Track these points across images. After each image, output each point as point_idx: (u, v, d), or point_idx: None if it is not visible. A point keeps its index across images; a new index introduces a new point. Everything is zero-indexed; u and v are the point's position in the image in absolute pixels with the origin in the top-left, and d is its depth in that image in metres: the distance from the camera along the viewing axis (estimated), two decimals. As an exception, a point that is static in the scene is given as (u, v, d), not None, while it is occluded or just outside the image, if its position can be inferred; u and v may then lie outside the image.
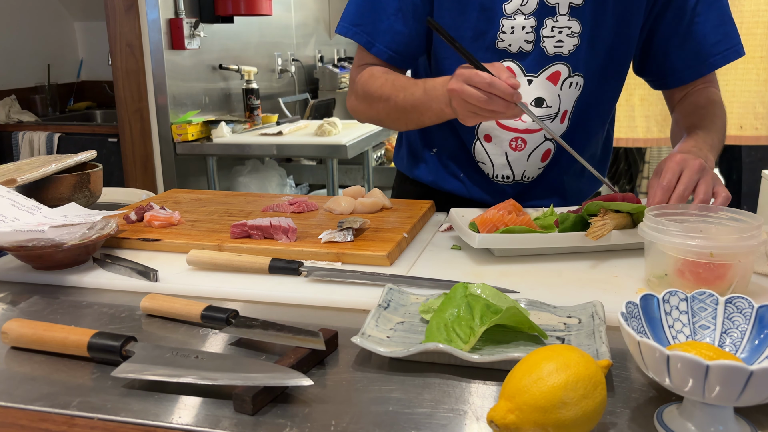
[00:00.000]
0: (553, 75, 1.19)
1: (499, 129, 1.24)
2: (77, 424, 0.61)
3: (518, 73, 1.19)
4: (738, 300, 0.68)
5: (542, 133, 1.23)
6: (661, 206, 0.93)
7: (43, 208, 1.12)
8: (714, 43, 1.22)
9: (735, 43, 1.23)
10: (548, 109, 1.21)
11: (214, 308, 0.80)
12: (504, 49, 1.18)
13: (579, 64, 1.19)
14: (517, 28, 1.16)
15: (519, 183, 1.30)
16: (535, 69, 1.19)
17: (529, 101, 1.20)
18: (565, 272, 0.96)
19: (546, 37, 1.17)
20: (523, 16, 1.15)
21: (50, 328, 0.74)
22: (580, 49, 1.18)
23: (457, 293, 0.76)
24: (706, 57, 1.22)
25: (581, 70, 1.20)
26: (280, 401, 0.63)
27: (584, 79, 1.21)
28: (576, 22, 1.16)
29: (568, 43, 1.17)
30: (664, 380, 0.57)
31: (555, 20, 1.16)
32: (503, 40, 1.17)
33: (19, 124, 3.63)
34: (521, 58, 1.19)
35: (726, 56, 1.23)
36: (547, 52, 1.18)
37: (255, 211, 1.23)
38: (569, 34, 1.16)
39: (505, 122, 1.22)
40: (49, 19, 4.12)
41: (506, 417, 0.54)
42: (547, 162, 1.28)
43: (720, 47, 1.22)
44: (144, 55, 3.17)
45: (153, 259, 1.03)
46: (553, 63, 1.19)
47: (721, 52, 1.22)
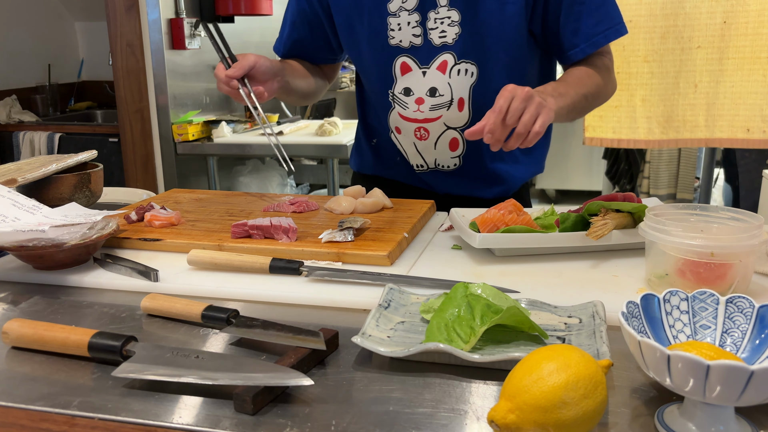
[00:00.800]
0: (442, 64, 1.26)
1: (404, 121, 1.33)
2: (78, 423, 0.61)
3: (413, 67, 1.27)
4: (739, 300, 0.68)
5: (442, 121, 1.30)
6: (662, 206, 0.93)
7: (43, 208, 1.12)
8: (595, 23, 1.24)
9: (616, 22, 1.26)
10: (441, 97, 1.28)
11: (214, 308, 0.80)
12: (397, 46, 1.27)
13: (465, 51, 1.25)
14: (404, 25, 1.25)
15: (437, 171, 1.37)
16: (427, 61, 1.27)
17: (424, 92, 1.28)
18: (566, 272, 0.96)
19: (431, 29, 1.24)
20: (407, 12, 1.24)
21: (51, 328, 0.74)
22: (463, 37, 1.24)
23: (457, 293, 0.76)
24: (590, 37, 1.25)
25: (470, 57, 1.25)
26: (280, 401, 0.63)
27: (477, 66, 1.26)
28: (455, 11, 1.22)
29: (450, 32, 1.23)
30: (665, 380, 0.57)
31: (437, 12, 1.23)
32: (394, 38, 1.27)
33: (20, 124, 3.63)
34: (414, 52, 1.27)
35: (607, 35, 1.25)
36: (434, 44, 1.25)
37: (255, 211, 1.24)
38: (450, 24, 1.23)
39: (405, 114, 1.32)
40: (49, 19, 4.12)
41: (507, 417, 0.54)
42: (460, 151, 1.33)
43: (601, 27, 1.25)
44: (145, 54, 3.17)
45: (153, 259, 1.03)
46: (441, 53, 1.26)
47: (602, 32, 1.25)
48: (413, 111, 1.30)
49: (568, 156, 5.37)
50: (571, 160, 5.45)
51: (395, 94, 1.31)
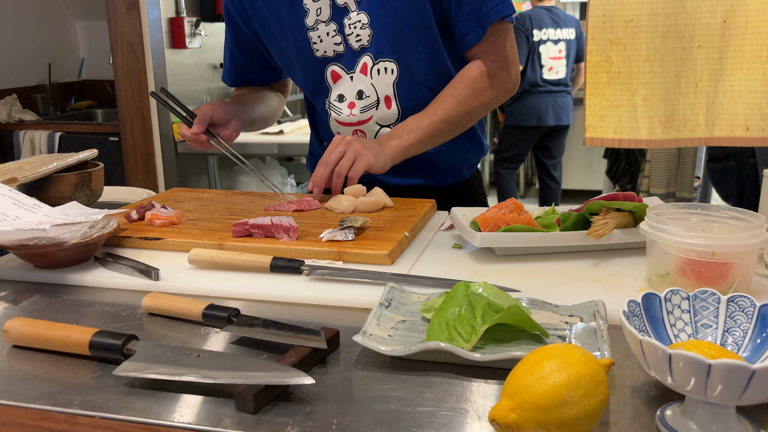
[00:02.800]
0: (363, 67, 1.31)
1: (341, 126, 1.38)
2: (79, 422, 0.61)
3: (342, 74, 1.33)
4: (740, 299, 0.68)
5: (374, 121, 1.35)
6: (663, 205, 0.93)
7: (44, 207, 1.12)
8: (482, 4, 1.26)
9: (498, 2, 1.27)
10: (368, 98, 1.33)
11: (215, 307, 0.80)
12: (323, 57, 1.33)
13: (381, 50, 1.29)
14: (323, 36, 1.30)
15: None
16: (352, 66, 1.32)
17: (353, 96, 1.34)
18: (567, 271, 0.96)
19: (348, 35, 1.29)
20: (324, 23, 1.29)
21: (52, 327, 0.74)
22: (376, 37, 1.27)
23: (458, 292, 0.76)
24: (479, 18, 1.27)
25: (387, 55, 1.29)
26: (281, 400, 0.63)
27: (396, 63, 1.29)
28: (364, 14, 1.26)
29: (364, 35, 1.28)
30: (666, 379, 0.57)
31: (349, 18, 1.27)
32: (318, 50, 1.32)
33: (21, 123, 3.63)
34: (339, 60, 1.33)
35: (499, 10, 1.27)
36: (353, 48, 1.30)
37: (256, 210, 1.23)
38: (362, 27, 1.27)
39: (341, 119, 1.37)
40: (50, 18, 4.12)
41: (508, 416, 0.54)
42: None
43: (486, 7, 1.26)
44: (145, 54, 3.18)
45: (154, 257, 1.03)
46: (361, 56, 1.31)
47: (487, 12, 1.27)
48: (347, 116, 1.35)
49: (569, 155, 5.37)
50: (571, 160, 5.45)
51: (331, 102, 1.37)
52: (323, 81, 1.35)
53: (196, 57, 3.34)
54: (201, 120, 1.28)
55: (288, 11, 1.30)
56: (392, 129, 1.28)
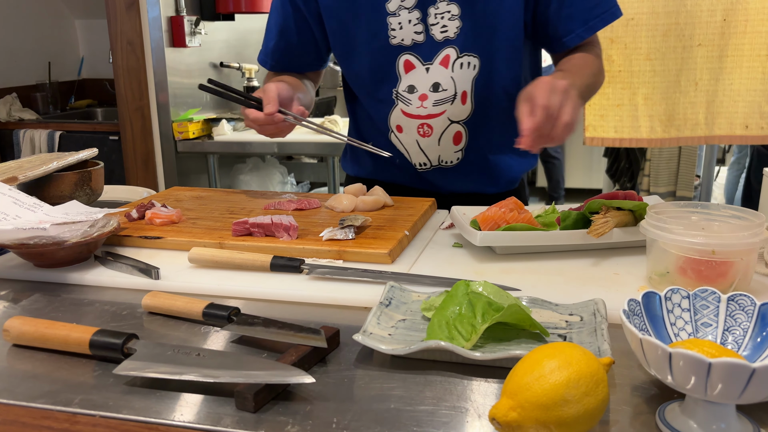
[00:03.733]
0: (444, 59, 1.26)
1: (406, 118, 1.31)
2: (79, 421, 0.61)
3: (417, 64, 1.27)
4: (740, 297, 0.68)
5: (445, 116, 1.29)
6: (663, 204, 0.93)
7: (44, 206, 1.12)
8: (591, 8, 1.25)
9: (611, 5, 1.26)
10: (444, 92, 1.27)
11: (215, 306, 0.80)
12: (399, 44, 1.26)
13: (467, 44, 1.25)
14: (404, 23, 1.24)
15: (440, 168, 1.37)
16: (430, 57, 1.27)
17: (427, 88, 1.28)
18: (567, 270, 0.96)
19: (432, 25, 1.24)
20: (407, 10, 1.23)
21: (52, 326, 0.74)
22: (464, 30, 1.23)
23: (458, 291, 0.76)
24: (586, 21, 1.25)
25: (471, 49, 1.25)
26: (281, 399, 0.63)
27: (478, 59, 1.26)
28: (454, 5, 1.22)
29: (451, 26, 1.23)
30: (666, 378, 0.57)
31: (436, 7, 1.22)
32: (395, 37, 1.26)
33: (20, 122, 3.63)
34: (416, 50, 1.27)
35: (604, 19, 1.25)
36: (436, 39, 1.25)
37: (256, 209, 1.23)
38: (450, 18, 1.23)
39: (408, 111, 1.30)
40: (49, 17, 4.12)
41: (508, 414, 0.54)
42: (462, 145, 1.33)
43: (597, 11, 1.25)
44: (145, 52, 3.17)
45: (154, 256, 1.03)
46: (444, 48, 1.25)
47: (599, 15, 1.25)
48: (416, 107, 1.29)
49: (569, 154, 5.37)
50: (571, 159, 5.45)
51: (399, 92, 1.30)
52: (393, 70, 1.29)
53: (196, 56, 3.34)
54: (273, 99, 1.17)
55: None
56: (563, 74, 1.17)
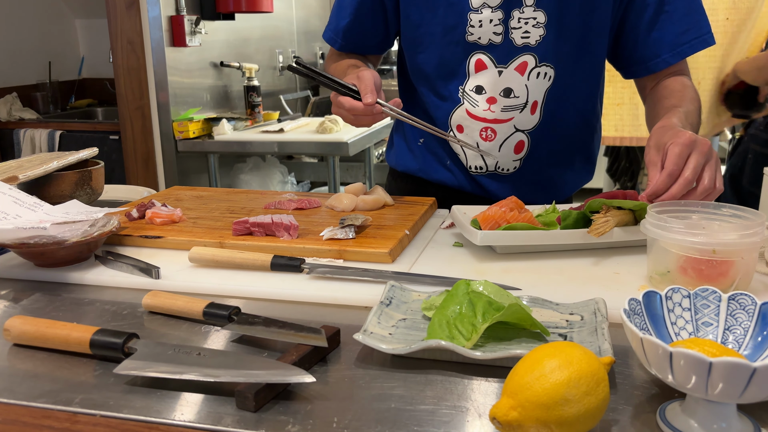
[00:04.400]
0: (521, 65, 1.22)
1: (470, 119, 1.27)
2: (80, 420, 0.61)
3: (489, 65, 1.23)
4: (741, 297, 0.68)
5: (512, 123, 1.25)
6: (663, 203, 0.93)
7: (44, 206, 1.12)
8: (682, 32, 1.21)
9: (704, 32, 1.22)
10: (516, 99, 1.23)
11: (216, 305, 0.80)
12: (474, 42, 1.22)
13: (547, 54, 1.21)
14: (485, 21, 1.20)
15: (495, 174, 1.32)
16: (505, 60, 1.22)
17: (498, 92, 1.23)
18: (568, 269, 0.96)
19: (513, 29, 1.20)
20: (490, 9, 1.19)
21: (52, 326, 0.74)
22: (547, 39, 1.20)
23: (459, 290, 0.76)
24: (674, 46, 1.22)
25: (550, 60, 1.22)
26: (282, 398, 0.63)
27: (555, 70, 1.23)
28: (541, 13, 1.18)
29: (534, 33, 1.19)
30: (667, 377, 0.57)
31: (521, 11, 1.18)
32: (472, 34, 1.21)
33: (21, 121, 3.63)
34: (491, 50, 1.22)
35: (693, 45, 1.22)
36: (515, 43, 1.21)
37: (257, 209, 1.23)
38: (535, 25, 1.19)
39: (474, 112, 1.26)
40: (50, 17, 4.12)
41: (509, 414, 0.54)
42: (523, 154, 1.29)
43: (688, 36, 1.21)
44: (145, 52, 3.17)
45: (155, 256, 1.03)
46: (521, 54, 1.21)
47: (689, 41, 1.22)
48: (483, 110, 1.25)
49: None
50: (571, 158, 5.43)
51: (465, 90, 1.26)
52: (462, 67, 1.24)
53: (196, 55, 3.34)
54: (372, 89, 1.12)
55: None
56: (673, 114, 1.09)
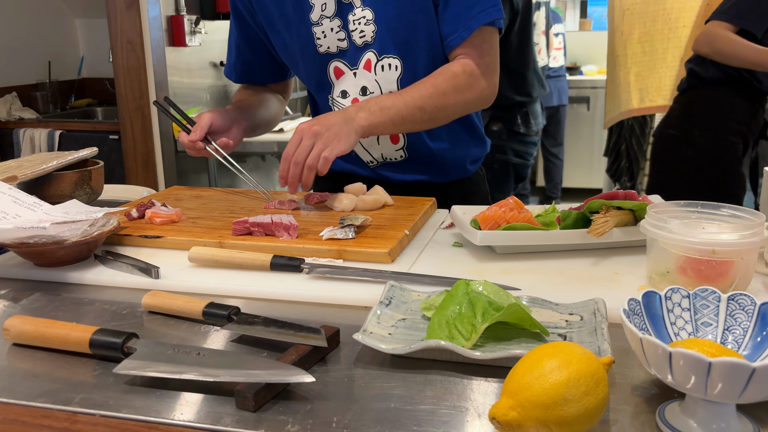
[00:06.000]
0: (366, 63, 1.31)
1: None
2: (79, 420, 0.61)
3: (345, 70, 1.32)
4: (740, 297, 0.68)
5: None
6: (663, 203, 0.93)
7: (44, 205, 1.12)
8: (470, 6, 1.26)
9: (491, 5, 1.27)
10: (371, 95, 1.31)
11: (215, 305, 0.80)
12: (326, 53, 1.32)
13: (385, 46, 1.28)
14: (327, 32, 1.29)
15: (388, 164, 1.41)
16: (355, 62, 1.31)
17: (357, 92, 1.33)
18: (567, 269, 0.96)
19: (352, 31, 1.28)
20: (328, 18, 1.28)
21: (52, 325, 0.74)
22: (380, 33, 1.27)
23: (458, 290, 0.76)
24: (465, 20, 1.26)
25: (391, 51, 1.28)
26: (281, 398, 0.63)
27: (400, 59, 1.29)
28: (369, 10, 1.26)
29: (368, 30, 1.27)
30: (667, 377, 0.57)
31: (353, 14, 1.27)
32: (322, 45, 1.31)
33: (20, 121, 3.62)
34: (342, 56, 1.32)
35: (479, 18, 1.26)
36: (357, 44, 1.29)
37: (256, 208, 1.23)
38: (366, 23, 1.27)
39: None
40: (49, 16, 4.12)
41: (508, 414, 0.54)
42: (402, 143, 1.37)
43: (474, 10, 1.26)
44: (145, 51, 3.17)
45: (154, 256, 1.03)
46: (365, 52, 1.30)
47: (475, 15, 1.26)
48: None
49: (569, 154, 5.37)
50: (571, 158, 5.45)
51: (334, 98, 1.36)
52: (326, 77, 1.35)
53: (196, 55, 3.34)
54: (199, 128, 1.27)
55: (293, 6, 1.29)
56: (364, 101, 1.24)
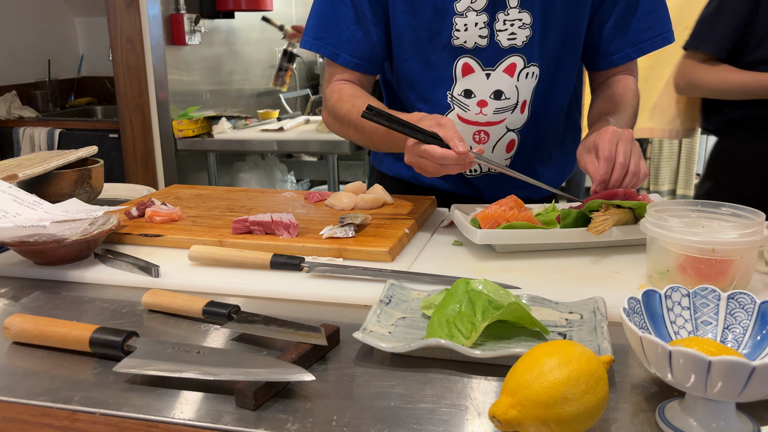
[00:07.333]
0: (510, 67, 1.22)
1: (462, 123, 1.27)
2: (79, 419, 0.61)
3: (476, 68, 1.23)
4: (740, 296, 0.68)
5: (504, 124, 1.26)
6: (663, 202, 0.93)
7: (44, 204, 1.12)
8: (645, 29, 1.25)
9: (665, 30, 1.26)
10: (507, 100, 1.24)
11: (215, 304, 0.80)
12: (460, 46, 1.22)
13: (533, 54, 1.22)
14: (470, 25, 1.20)
15: (487, 175, 1.33)
16: (492, 63, 1.23)
17: (488, 94, 1.24)
18: (567, 268, 0.96)
19: (499, 31, 1.20)
20: (475, 12, 1.19)
21: (52, 324, 0.74)
22: (533, 40, 1.21)
23: (458, 289, 0.76)
24: (637, 42, 1.25)
25: (536, 59, 1.23)
26: (281, 396, 0.63)
27: (539, 68, 1.24)
28: (527, 14, 1.19)
29: (520, 35, 1.20)
30: (666, 376, 0.57)
31: (506, 13, 1.19)
32: (458, 38, 1.21)
33: (20, 119, 3.62)
34: (478, 53, 1.22)
35: (655, 42, 1.26)
36: (501, 45, 1.21)
37: (256, 207, 1.23)
38: (521, 26, 1.19)
39: (466, 116, 1.26)
40: (49, 15, 4.12)
41: (508, 412, 0.54)
42: (513, 152, 1.31)
43: (650, 33, 1.25)
44: (145, 50, 3.17)
45: (154, 254, 1.03)
46: (509, 55, 1.22)
47: (651, 38, 1.25)
48: (475, 114, 1.25)
49: (569, 152, 5.36)
50: (571, 157, 5.44)
51: (454, 95, 1.25)
52: (449, 72, 1.24)
53: (195, 54, 3.34)
54: (461, 137, 1.03)
55: None
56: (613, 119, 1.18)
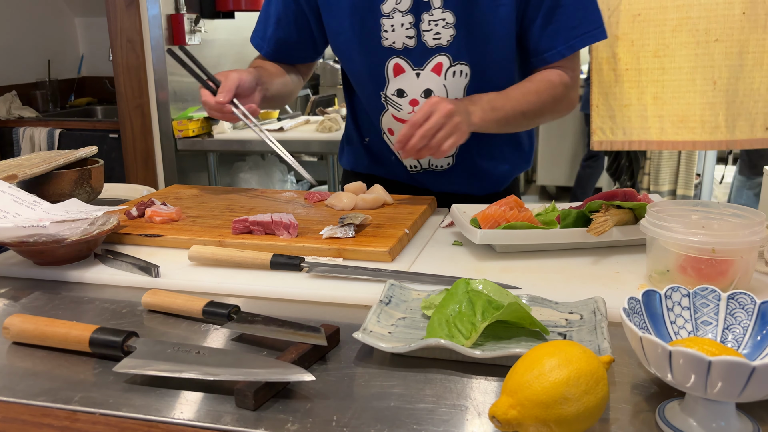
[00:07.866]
0: (437, 66, 1.25)
1: (397, 122, 1.31)
2: (79, 419, 0.61)
3: (407, 68, 1.26)
4: (740, 296, 0.68)
5: None
6: (663, 202, 0.93)
7: (44, 204, 1.12)
8: (574, 26, 1.24)
9: (595, 26, 1.26)
10: None
11: (215, 304, 0.80)
12: (390, 47, 1.26)
13: (460, 53, 1.24)
14: (397, 26, 1.23)
15: (430, 171, 1.37)
16: (421, 62, 1.26)
17: (419, 93, 1.27)
18: (567, 268, 0.96)
19: (425, 31, 1.23)
20: (401, 13, 1.22)
21: (52, 324, 0.74)
22: (458, 39, 1.22)
23: (458, 289, 0.76)
24: (568, 39, 1.25)
25: (464, 58, 1.25)
26: (281, 396, 0.63)
27: (470, 67, 1.26)
28: (450, 14, 1.21)
29: (445, 34, 1.22)
30: (666, 376, 0.57)
31: (431, 14, 1.21)
32: (387, 39, 1.25)
33: (20, 119, 3.62)
34: (407, 54, 1.26)
35: (584, 39, 1.26)
36: (428, 45, 1.24)
37: (256, 207, 1.23)
38: (445, 26, 1.22)
39: (399, 116, 1.31)
40: (49, 15, 4.12)
41: (508, 412, 0.54)
42: (454, 151, 1.32)
43: (580, 30, 1.25)
44: (145, 50, 3.17)
45: (154, 254, 1.03)
46: (435, 55, 1.25)
47: (580, 35, 1.25)
48: (407, 113, 1.29)
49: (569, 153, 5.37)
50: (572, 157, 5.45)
51: (388, 95, 1.30)
52: (382, 72, 1.29)
53: (196, 53, 3.33)
54: (228, 88, 1.18)
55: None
56: (475, 96, 1.21)
